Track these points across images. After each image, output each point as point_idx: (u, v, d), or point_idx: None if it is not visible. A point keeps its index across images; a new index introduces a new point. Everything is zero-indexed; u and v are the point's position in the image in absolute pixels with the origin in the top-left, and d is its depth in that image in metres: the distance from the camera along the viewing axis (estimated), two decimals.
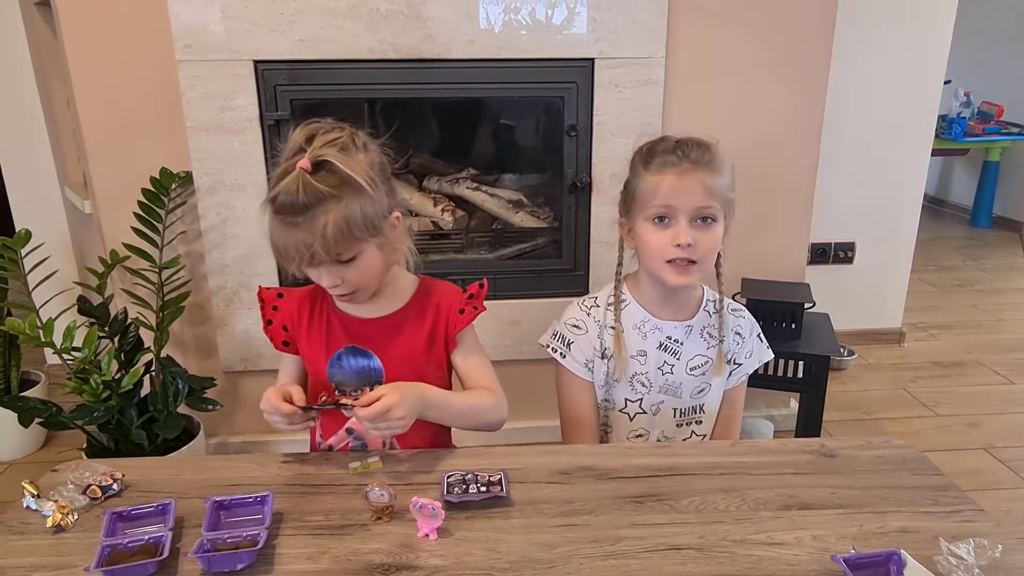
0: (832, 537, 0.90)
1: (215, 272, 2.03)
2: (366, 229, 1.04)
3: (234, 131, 1.91)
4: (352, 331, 1.18)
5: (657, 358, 1.26)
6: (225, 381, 2.11)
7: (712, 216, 1.16)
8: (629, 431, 1.31)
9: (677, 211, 1.15)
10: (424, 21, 1.88)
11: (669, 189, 1.15)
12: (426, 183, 2.35)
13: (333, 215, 1.00)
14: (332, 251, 1.02)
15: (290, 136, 1.07)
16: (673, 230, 1.15)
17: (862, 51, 2.62)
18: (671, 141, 1.18)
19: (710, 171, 1.15)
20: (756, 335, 1.33)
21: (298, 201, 0.99)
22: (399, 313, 1.18)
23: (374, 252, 1.08)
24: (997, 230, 4.84)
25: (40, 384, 2.31)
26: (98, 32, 1.85)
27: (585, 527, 0.93)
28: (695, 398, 1.29)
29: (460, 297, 1.20)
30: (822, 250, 2.86)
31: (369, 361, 1.18)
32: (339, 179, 1.01)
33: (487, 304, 1.23)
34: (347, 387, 1.18)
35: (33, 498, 0.97)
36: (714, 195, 1.15)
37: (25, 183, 2.51)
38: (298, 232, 1.00)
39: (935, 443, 2.32)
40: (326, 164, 1.01)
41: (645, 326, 1.26)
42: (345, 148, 1.04)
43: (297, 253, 1.02)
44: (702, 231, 1.15)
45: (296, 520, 0.94)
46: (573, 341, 1.29)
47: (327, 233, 0.99)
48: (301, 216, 1.00)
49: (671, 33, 1.96)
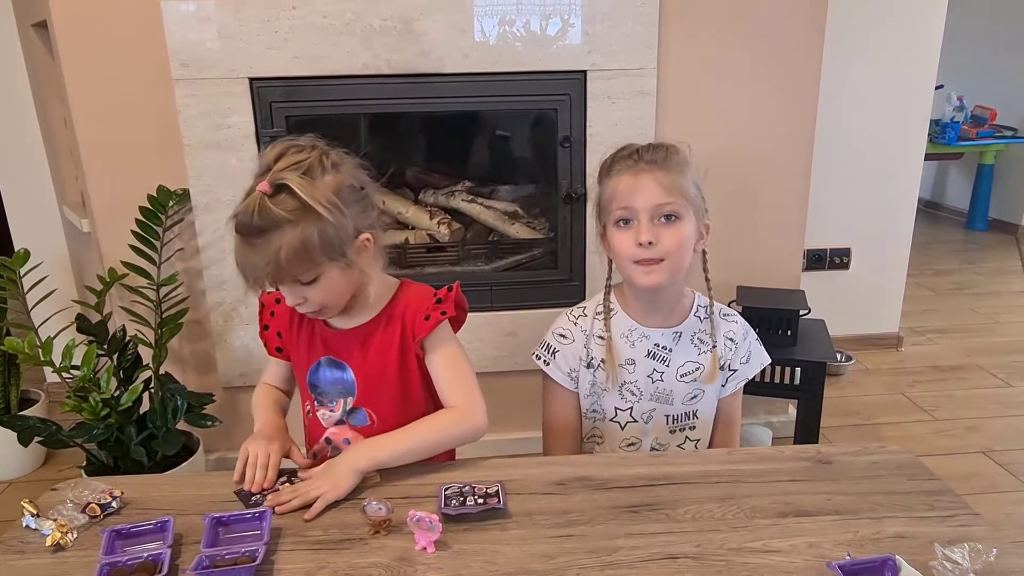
0: (828, 544, 0.91)
1: (213, 288, 2.04)
2: (324, 254, 1.03)
3: (230, 148, 1.93)
4: (328, 342, 1.19)
5: (646, 366, 1.27)
6: (224, 397, 2.11)
7: (674, 213, 1.16)
8: (621, 440, 1.31)
9: (637, 211, 1.15)
10: (418, 36, 1.90)
11: (626, 190, 1.16)
12: (422, 196, 2.36)
13: (289, 239, 1.00)
14: (287, 274, 1.03)
15: (264, 152, 1.07)
16: (635, 230, 1.16)
17: (853, 57, 2.64)
18: (632, 148, 1.21)
19: (665, 170, 1.16)
20: (751, 340, 1.33)
21: (253, 224, 0.99)
22: (369, 324, 1.16)
23: (337, 274, 1.07)
24: (993, 233, 4.85)
25: (40, 402, 2.32)
26: (94, 52, 1.86)
27: (582, 537, 0.93)
28: (687, 404, 1.30)
29: (428, 302, 1.15)
30: (818, 256, 2.87)
31: (343, 373, 1.18)
32: (297, 203, 1.00)
33: (483, 316, 1.24)
34: (323, 397, 1.21)
35: (33, 517, 0.97)
36: (672, 191, 1.15)
37: (24, 202, 2.52)
38: (255, 253, 1.01)
39: (934, 447, 2.32)
40: (285, 188, 1.00)
41: (632, 334, 1.26)
42: (310, 170, 1.02)
43: (253, 273, 1.03)
44: (665, 228, 1.15)
45: (294, 535, 0.95)
46: (558, 350, 1.29)
47: (280, 257, 1.00)
48: (258, 238, 1.00)
49: (662, 44, 1.98)
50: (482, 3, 1.89)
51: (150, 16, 1.82)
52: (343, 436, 1.20)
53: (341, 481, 1.02)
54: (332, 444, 1.21)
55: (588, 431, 1.34)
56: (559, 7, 1.91)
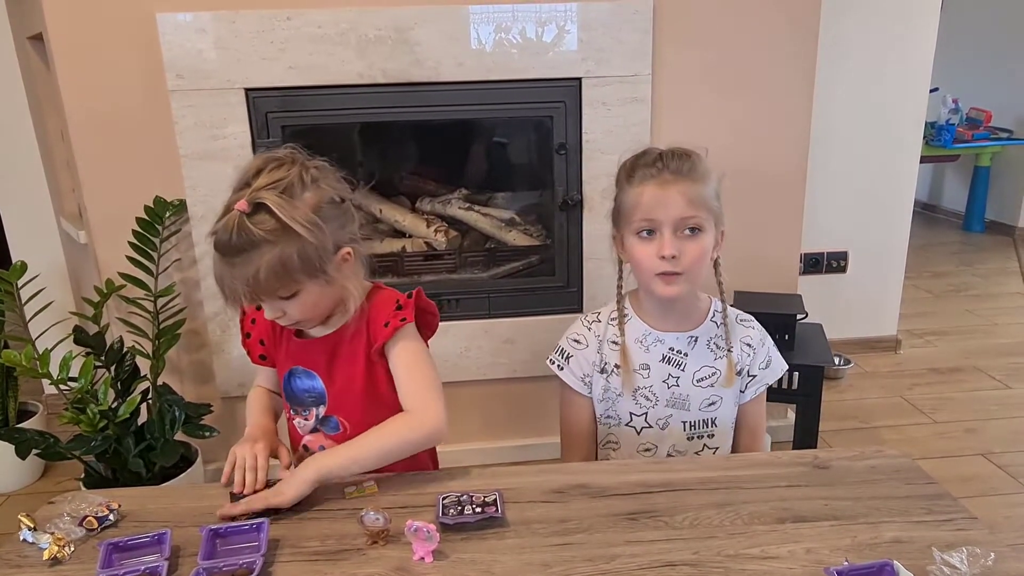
0: (826, 549, 0.91)
1: (210, 298, 2.04)
2: (304, 272, 1.03)
3: (227, 158, 1.93)
4: (298, 351, 1.19)
5: (661, 371, 1.25)
6: (222, 407, 2.11)
7: (697, 226, 1.15)
8: (638, 445, 1.29)
9: (660, 223, 1.14)
10: (412, 46, 1.90)
11: (650, 201, 1.14)
12: (419, 204, 2.37)
13: (268, 259, 1.00)
14: (265, 292, 1.03)
15: (245, 165, 1.06)
16: (658, 242, 1.14)
17: (847, 61, 2.65)
18: (653, 153, 1.18)
19: (691, 181, 1.14)
20: (769, 346, 1.30)
21: (231, 243, 1.00)
22: (337, 333, 1.16)
23: (316, 289, 1.07)
24: (990, 234, 4.86)
25: (38, 414, 2.31)
26: (90, 64, 1.87)
27: (580, 545, 0.93)
28: (705, 411, 1.27)
29: (389, 309, 1.14)
30: (815, 260, 2.88)
31: (313, 383, 1.19)
32: (276, 223, 1.00)
33: (481, 323, 1.24)
34: (297, 406, 1.22)
35: (30, 531, 0.97)
36: (697, 204, 1.14)
37: (21, 215, 2.52)
38: (233, 270, 1.01)
39: (933, 450, 2.32)
40: (264, 207, 1.00)
41: (647, 339, 1.25)
42: (289, 189, 1.02)
43: (231, 290, 1.03)
44: (688, 241, 1.15)
45: (292, 546, 0.94)
46: (572, 355, 1.29)
47: (259, 276, 1.00)
48: (236, 257, 1.01)
49: (656, 51, 1.98)
50: (477, 12, 1.90)
51: (145, 28, 1.83)
52: (319, 443, 1.21)
53: (285, 488, 1.01)
54: (310, 451, 1.21)
55: (604, 436, 1.33)
56: (554, 15, 1.92)
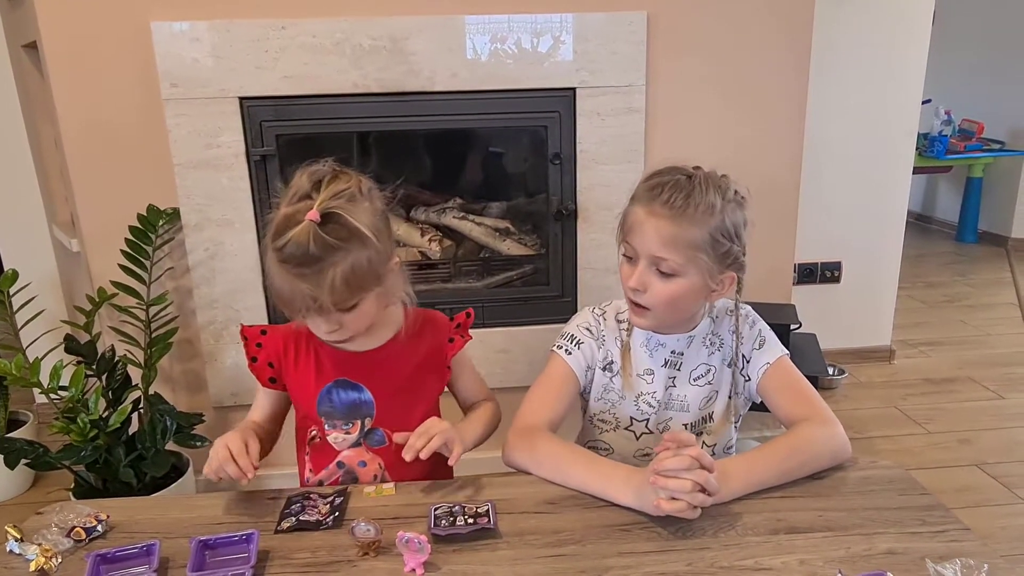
0: (819, 561, 0.90)
1: (203, 307, 2.03)
2: (371, 279, 1.05)
3: (221, 167, 1.93)
4: (341, 364, 1.18)
5: (664, 376, 1.24)
6: (215, 416, 2.10)
7: (670, 271, 1.09)
8: (635, 451, 1.28)
9: (637, 252, 1.11)
10: (407, 56, 1.91)
11: (634, 226, 1.12)
12: (413, 213, 2.37)
13: (341, 268, 1.01)
14: (337, 302, 1.03)
15: (293, 179, 1.06)
16: (631, 269, 1.13)
17: (840, 72, 2.66)
18: (661, 178, 1.12)
19: (677, 220, 1.07)
20: (760, 327, 1.26)
21: (309, 253, 0.99)
22: (388, 345, 1.19)
23: (373, 299, 1.08)
24: (983, 245, 4.88)
25: (29, 423, 2.29)
26: (84, 72, 1.86)
27: (573, 556, 0.92)
28: (704, 408, 1.26)
29: (448, 326, 1.24)
30: (809, 270, 2.89)
31: (360, 394, 1.18)
32: (348, 231, 1.01)
33: (475, 333, 1.25)
34: (337, 420, 1.18)
35: (16, 542, 0.96)
36: (672, 247, 1.08)
37: (13, 223, 2.51)
38: (305, 283, 1.01)
39: (927, 460, 2.32)
40: (335, 216, 1.01)
41: (650, 343, 1.24)
42: (353, 199, 1.04)
43: (303, 303, 1.03)
44: (659, 279, 1.11)
45: (282, 558, 0.94)
46: (583, 341, 1.25)
47: (335, 285, 1.00)
48: (309, 268, 1.00)
49: (651, 61, 1.99)
50: (472, 22, 1.91)
51: (140, 36, 1.83)
52: (359, 459, 1.20)
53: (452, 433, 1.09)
54: (345, 468, 1.20)
55: (590, 438, 1.31)
56: (549, 25, 1.93)
